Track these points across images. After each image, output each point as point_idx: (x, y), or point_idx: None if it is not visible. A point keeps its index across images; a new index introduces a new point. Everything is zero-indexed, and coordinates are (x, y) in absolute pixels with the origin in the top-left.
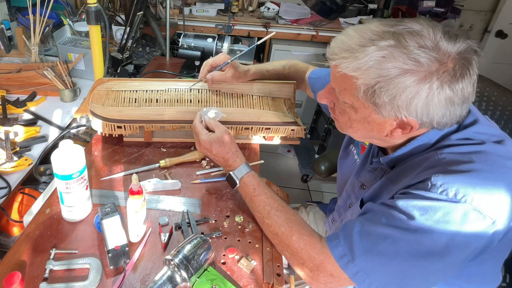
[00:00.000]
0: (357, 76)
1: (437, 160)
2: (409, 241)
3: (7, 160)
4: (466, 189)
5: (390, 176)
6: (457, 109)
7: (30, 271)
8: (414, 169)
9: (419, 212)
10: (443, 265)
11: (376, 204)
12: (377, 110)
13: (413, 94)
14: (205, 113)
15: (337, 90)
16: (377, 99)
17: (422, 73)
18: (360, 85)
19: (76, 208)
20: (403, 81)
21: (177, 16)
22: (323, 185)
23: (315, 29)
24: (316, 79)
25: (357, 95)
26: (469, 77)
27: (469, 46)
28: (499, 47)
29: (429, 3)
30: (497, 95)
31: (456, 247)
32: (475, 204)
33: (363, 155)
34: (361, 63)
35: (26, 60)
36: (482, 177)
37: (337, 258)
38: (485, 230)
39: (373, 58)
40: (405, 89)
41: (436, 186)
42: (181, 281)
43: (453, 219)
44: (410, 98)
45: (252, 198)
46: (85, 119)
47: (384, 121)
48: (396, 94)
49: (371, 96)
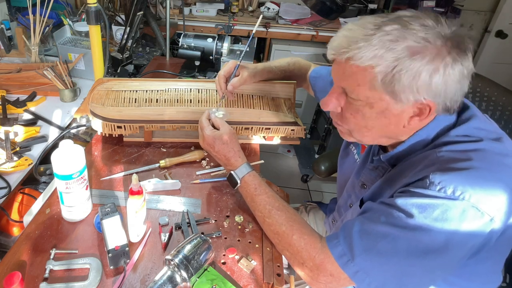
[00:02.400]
0: (374, 64)
1: (436, 158)
2: (408, 239)
3: (7, 160)
4: (464, 186)
5: (390, 175)
6: (465, 84)
7: (30, 271)
8: (413, 168)
9: (418, 210)
10: (442, 262)
11: (376, 203)
12: (395, 99)
13: (431, 71)
14: (214, 112)
15: (348, 89)
16: (396, 84)
17: (434, 50)
18: (377, 74)
19: (76, 208)
20: (420, 60)
21: (177, 16)
22: (323, 185)
23: (315, 29)
24: (318, 78)
25: (374, 86)
26: (470, 51)
27: (458, 27)
28: (499, 47)
29: (429, 3)
30: (497, 95)
31: (454, 244)
32: (473, 201)
33: (363, 155)
34: (376, 49)
35: (26, 60)
36: (480, 175)
37: (337, 257)
38: (483, 227)
39: (386, 43)
40: (423, 67)
41: (434, 183)
42: (181, 281)
43: (451, 216)
44: (429, 77)
45: (253, 198)
46: (85, 119)
47: (402, 110)
48: (415, 75)
49: (389, 83)
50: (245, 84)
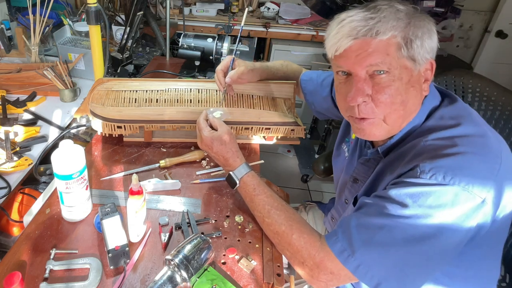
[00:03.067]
0: (395, 34)
1: (423, 147)
2: (404, 228)
3: (7, 160)
4: (454, 171)
5: (382, 168)
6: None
7: (30, 271)
8: (403, 158)
9: (412, 199)
10: (440, 248)
11: (370, 197)
12: (415, 62)
13: (429, 31)
14: (211, 112)
15: (378, 63)
16: (414, 45)
17: (423, 16)
18: (400, 41)
19: (76, 208)
20: (421, 20)
21: (177, 16)
22: (323, 185)
23: (315, 29)
24: (308, 81)
25: (399, 53)
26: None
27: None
28: (499, 47)
29: (429, 3)
30: (497, 95)
31: (450, 228)
32: (463, 185)
33: (351, 150)
34: (391, 20)
35: (26, 60)
36: (468, 159)
37: (337, 253)
38: (476, 209)
39: (392, 14)
40: (424, 27)
41: (425, 172)
42: (181, 281)
43: (444, 201)
44: (431, 35)
45: (252, 198)
46: (85, 119)
47: (419, 73)
48: (423, 34)
49: (409, 47)
50: (243, 76)
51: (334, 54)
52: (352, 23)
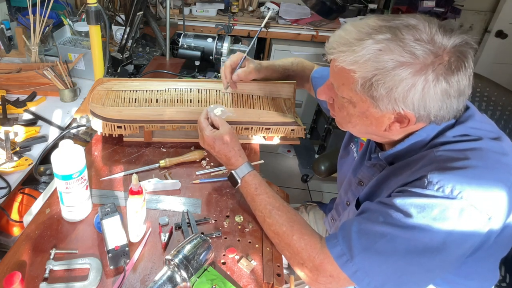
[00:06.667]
0: (355, 70)
1: (434, 157)
2: (407, 239)
3: (7, 160)
4: (462, 185)
5: (387, 174)
6: (454, 102)
7: (30, 271)
8: (410, 167)
9: (416, 209)
10: (441, 261)
11: (374, 203)
12: (375, 103)
13: (409, 86)
14: (212, 110)
15: (335, 85)
16: (375, 92)
17: (418, 65)
18: (358, 78)
19: (76, 208)
20: (399, 73)
21: (177, 16)
22: (323, 185)
23: (315, 29)
24: (319, 78)
25: (355, 88)
26: (464, 70)
27: (464, 40)
28: (499, 47)
29: (429, 3)
30: (497, 95)
31: (453, 243)
32: (471, 200)
33: (361, 152)
34: (358, 56)
35: (26, 60)
36: (478, 174)
37: (336, 257)
38: (481, 226)
39: (370, 51)
40: (401, 81)
41: (432, 183)
42: (181, 281)
43: (450, 215)
44: (406, 90)
45: (254, 197)
46: (85, 119)
47: (382, 115)
48: (392, 87)
49: (368, 89)
50: (250, 77)
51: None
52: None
